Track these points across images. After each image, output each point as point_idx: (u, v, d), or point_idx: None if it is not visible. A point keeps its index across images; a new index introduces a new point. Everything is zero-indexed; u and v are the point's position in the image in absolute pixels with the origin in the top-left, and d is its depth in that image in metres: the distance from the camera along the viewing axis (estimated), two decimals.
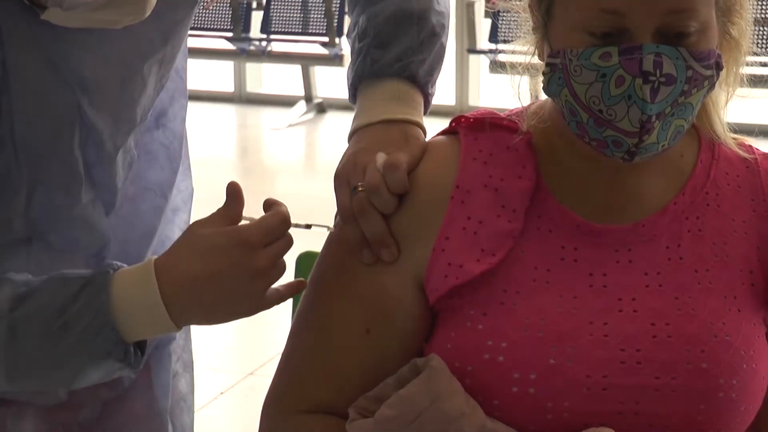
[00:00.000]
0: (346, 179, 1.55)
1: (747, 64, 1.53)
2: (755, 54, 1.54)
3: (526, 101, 1.56)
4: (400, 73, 1.64)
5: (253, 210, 1.53)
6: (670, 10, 1.38)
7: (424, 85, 1.66)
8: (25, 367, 1.52)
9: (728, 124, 1.57)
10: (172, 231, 1.87)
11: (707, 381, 1.44)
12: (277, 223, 1.49)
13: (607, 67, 1.39)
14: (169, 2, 1.60)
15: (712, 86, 1.44)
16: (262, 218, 1.49)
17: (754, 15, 1.52)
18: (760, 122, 5.51)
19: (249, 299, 1.49)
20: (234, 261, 1.46)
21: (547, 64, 1.45)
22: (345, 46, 8.55)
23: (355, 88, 1.67)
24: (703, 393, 1.44)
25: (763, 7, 8.64)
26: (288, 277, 1.80)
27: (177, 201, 1.88)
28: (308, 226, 1.54)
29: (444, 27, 1.69)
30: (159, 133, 1.81)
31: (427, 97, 1.66)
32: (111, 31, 1.54)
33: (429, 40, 1.66)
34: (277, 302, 1.52)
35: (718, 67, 1.44)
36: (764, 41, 8.35)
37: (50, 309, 1.48)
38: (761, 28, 8.14)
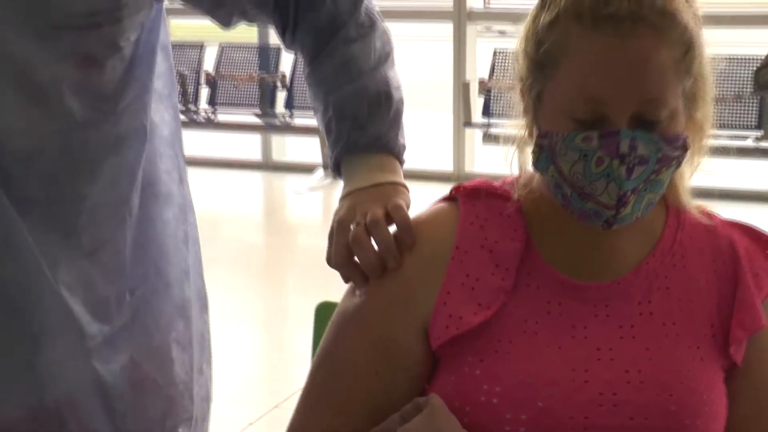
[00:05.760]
0: (347, 225, 1.54)
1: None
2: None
3: (515, 170, 1.55)
4: (379, 149, 1.64)
5: (277, 261, 1.53)
6: (644, 100, 1.38)
7: (398, 154, 1.66)
8: None
9: (693, 188, 1.56)
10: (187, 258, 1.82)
11: (675, 422, 1.44)
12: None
13: (589, 149, 1.39)
14: None
15: (679, 164, 1.45)
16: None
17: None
18: (719, 186, 5.52)
19: None
20: None
21: (536, 144, 1.46)
22: None
23: (338, 163, 1.66)
24: None
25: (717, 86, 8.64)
26: (307, 326, 1.80)
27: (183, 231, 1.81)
28: None
29: (402, 100, 1.69)
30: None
31: (401, 161, 1.66)
32: None
33: (396, 116, 1.66)
34: None
35: (685, 147, 1.44)
36: (719, 117, 8.36)
37: None
38: (715, 106, 8.16)
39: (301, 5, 1.66)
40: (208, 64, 9.18)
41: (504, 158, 1.54)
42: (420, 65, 14.70)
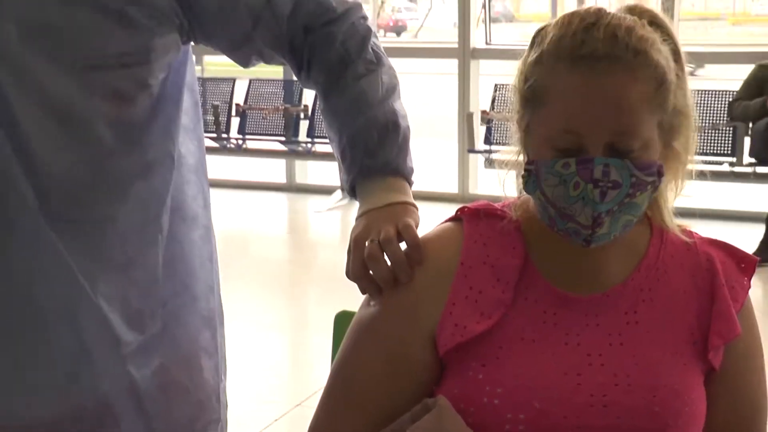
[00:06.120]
0: (363, 242, 1.53)
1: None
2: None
3: (510, 191, 1.55)
4: (389, 172, 1.64)
5: (300, 274, 1.53)
6: (616, 132, 1.38)
7: (407, 176, 1.66)
8: None
9: (676, 208, 1.56)
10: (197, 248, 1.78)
11: (658, 422, 1.43)
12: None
13: (567, 174, 1.40)
14: None
15: (655, 188, 1.44)
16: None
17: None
18: (698, 206, 5.51)
19: None
20: None
21: (525, 170, 1.46)
22: None
23: (352, 186, 1.66)
24: (656, 431, 1.43)
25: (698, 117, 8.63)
26: (327, 333, 1.80)
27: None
28: None
29: (409, 127, 1.69)
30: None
31: (409, 182, 1.66)
32: None
33: (403, 142, 1.66)
34: None
35: (659, 174, 1.44)
36: (700, 144, 8.35)
37: None
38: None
39: (313, 47, 1.66)
40: (239, 97, 9.20)
41: (498, 181, 1.55)
42: (429, 97, 14.70)
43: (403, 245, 1.52)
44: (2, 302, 1.52)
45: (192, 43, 1.65)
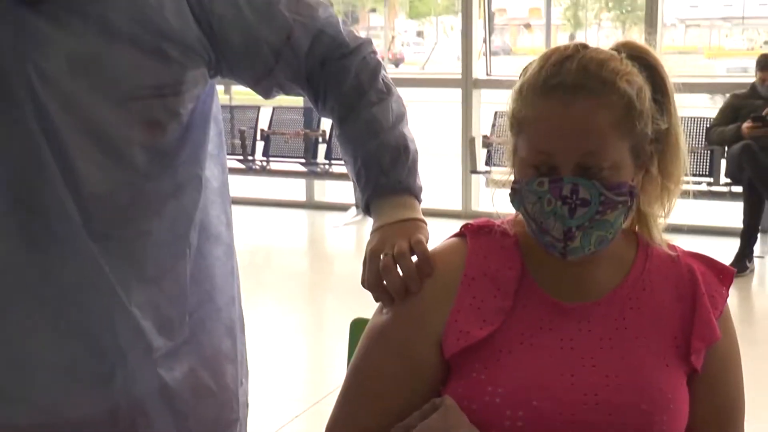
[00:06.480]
0: (378, 254, 1.53)
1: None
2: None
3: (505, 207, 1.55)
4: (401, 191, 1.64)
5: (319, 283, 1.52)
6: (584, 152, 1.39)
7: (417, 194, 1.66)
8: None
9: (661, 223, 1.55)
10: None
11: (645, 418, 1.42)
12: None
13: (542, 192, 1.40)
14: None
15: (628, 208, 1.44)
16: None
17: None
18: (688, 222, 5.51)
19: None
20: None
21: (512, 188, 1.47)
22: None
23: (367, 204, 1.66)
24: (643, 427, 1.42)
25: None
26: (344, 338, 1.79)
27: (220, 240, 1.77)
28: None
29: (417, 150, 1.69)
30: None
31: (419, 200, 1.66)
32: None
33: (413, 164, 1.67)
34: None
35: (632, 194, 1.43)
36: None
37: None
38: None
39: (329, 79, 1.67)
40: (263, 123, 9.22)
41: (491, 199, 1.56)
42: (435, 123, 14.71)
43: (414, 258, 1.52)
44: (50, 307, 1.52)
45: (219, 76, 1.65)
